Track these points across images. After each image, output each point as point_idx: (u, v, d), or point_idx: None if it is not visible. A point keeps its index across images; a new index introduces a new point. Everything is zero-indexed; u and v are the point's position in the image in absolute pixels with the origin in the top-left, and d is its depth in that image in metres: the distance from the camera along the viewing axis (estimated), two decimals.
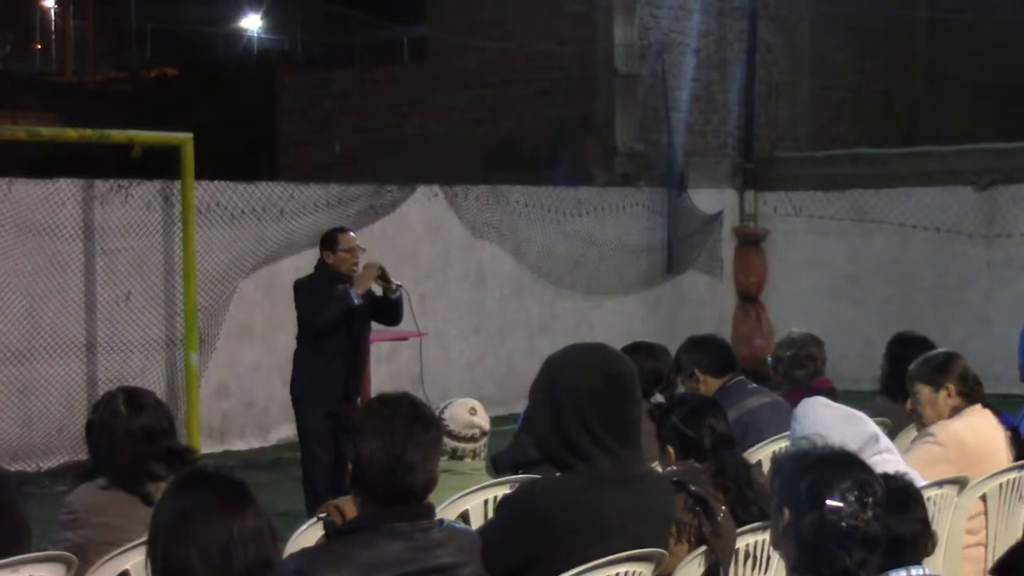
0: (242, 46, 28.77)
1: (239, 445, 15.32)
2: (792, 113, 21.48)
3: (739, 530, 5.02)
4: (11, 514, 4.76)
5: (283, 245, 15.61)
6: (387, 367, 15.64)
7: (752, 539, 5.07)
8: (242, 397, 15.47)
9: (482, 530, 4.63)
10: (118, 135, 13.80)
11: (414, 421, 4.26)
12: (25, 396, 13.80)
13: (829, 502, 3.59)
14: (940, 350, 7.03)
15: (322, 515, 5.36)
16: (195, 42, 29.66)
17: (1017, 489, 6.41)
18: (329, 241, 10.63)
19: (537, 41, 20.08)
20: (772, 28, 21.12)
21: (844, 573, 3.54)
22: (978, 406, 6.65)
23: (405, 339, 13.46)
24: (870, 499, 3.60)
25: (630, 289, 19.15)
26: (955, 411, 6.58)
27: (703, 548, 4.87)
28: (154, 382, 14.49)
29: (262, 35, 29.39)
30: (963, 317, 18.73)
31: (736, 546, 5.00)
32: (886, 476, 4.63)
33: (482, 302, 17.56)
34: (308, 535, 5.38)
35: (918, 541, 4.38)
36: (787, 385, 8.11)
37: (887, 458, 5.72)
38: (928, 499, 5.30)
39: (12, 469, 13.25)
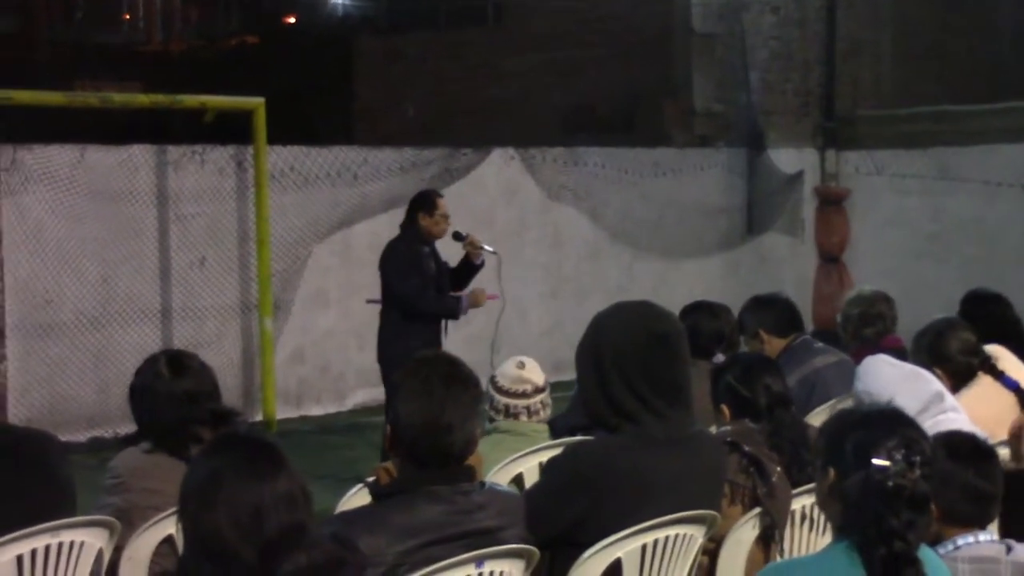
0: (324, 12, 28.74)
1: (315, 410, 15.31)
2: (873, 71, 21.13)
3: (794, 491, 4.88)
4: (55, 478, 4.72)
5: (357, 210, 15.56)
6: (463, 331, 15.53)
7: (808, 500, 4.93)
8: (318, 362, 15.45)
9: (528, 493, 4.53)
10: (190, 100, 13.80)
11: (452, 381, 4.16)
12: (101, 362, 13.85)
13: (875, 461, 3.44)
14: (935, 321, 6.67)
15: (370, 479, 5.29)
16: (277, 9, 29.68)
17: None
18: (427, 203, 10.61)
19: (612, 2, 19.87)
20: None
21: (891, 534, 3.40)
22: (983, 378, 6.34)
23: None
24: (918, 458, 3.45)
25: (709, 251, 18.95)
26: (954, 390, 6.17)
27: (757, 510, 4.73)
28: (229, 348, 14.53)
29: (344, 1, 29.34)
30: None
31: (792, 507, 4.87)
32: (958, 432, 4.49)
33: (559, 266, 17.42)
34: (356, 499, 5.29)
35: (995, 499, 4.24)
36: (855, 344, 7.93)
37: (952, 417, 5.57)
38: None
39: (89, 435, 13.38)
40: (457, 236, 10.78)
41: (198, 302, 14.44)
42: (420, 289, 10.51)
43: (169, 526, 4.92)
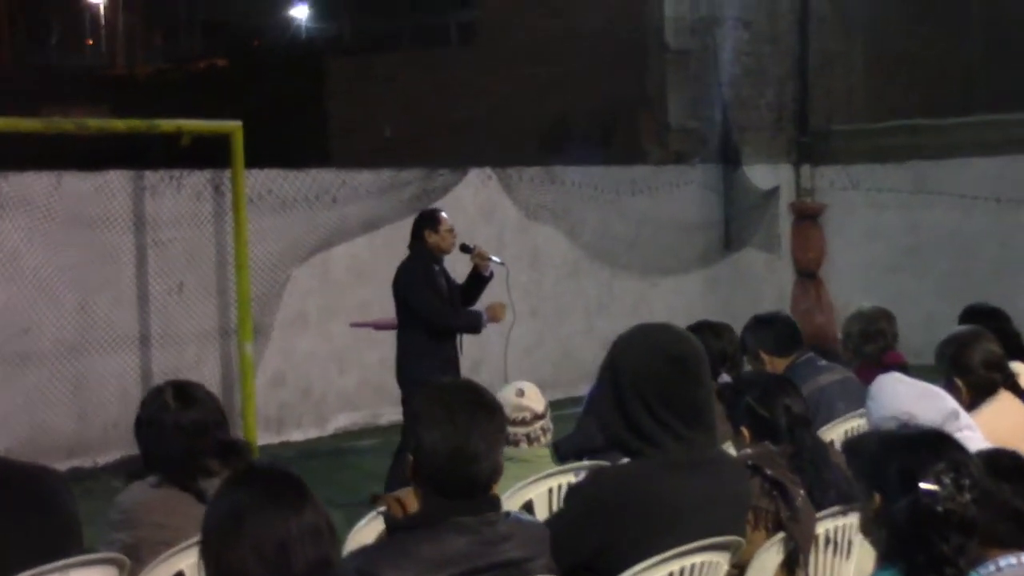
0: (290, 34, 28.69)
1: (296, 435, 15.19)
2: (846, 84, 21.14)
3: (818, 514, 4.79)
4: (60, 513, 4.60)
5: (336, 232, 15.47)
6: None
7: (832, 524, 4.84)
8: (299, 386, 15.33)
9: (549, 521, 4.43)
10: (166, 125, 13.66)
11: (477, 408, 4.05)
12: (80, 390, 13.72)
13: (923, 485, 3.36)
14: (960, 330, 6.54)
15: (381, 509, 5.19)
16: (243, 32, 29.62)
17: None
18: (431, 221, 10.67)
19: (586, 19, 19.84)
20: None
21: (941, 560, 3.32)
22: (1003, 393, 6.20)
23: None
24: (967, 481, 3.37)
25: (688, 268, 18.91)
26: (973, 404, 6.07)
27: (781, 534, 4.65)
28: (209, 373, 14.38)
29: (308, 23, 29.30)
30: None
31: (816, 531, 4.78)
32: (998, 450, 4.38)
33: (538, 284, 17.34)
34: (368, 530, 5.20)
35: None
36: (857, 361, 7.87)
37: (968, 435, 5.46)
38: None
39: (68, 464, 13.23)
40: (465, 248, 10.81)
41: (177, 328, 14.31)
42: (442, 306, 10.52)
43: (180, 561, 4.81)
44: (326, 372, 15.57)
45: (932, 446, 3.46)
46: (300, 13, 30.14)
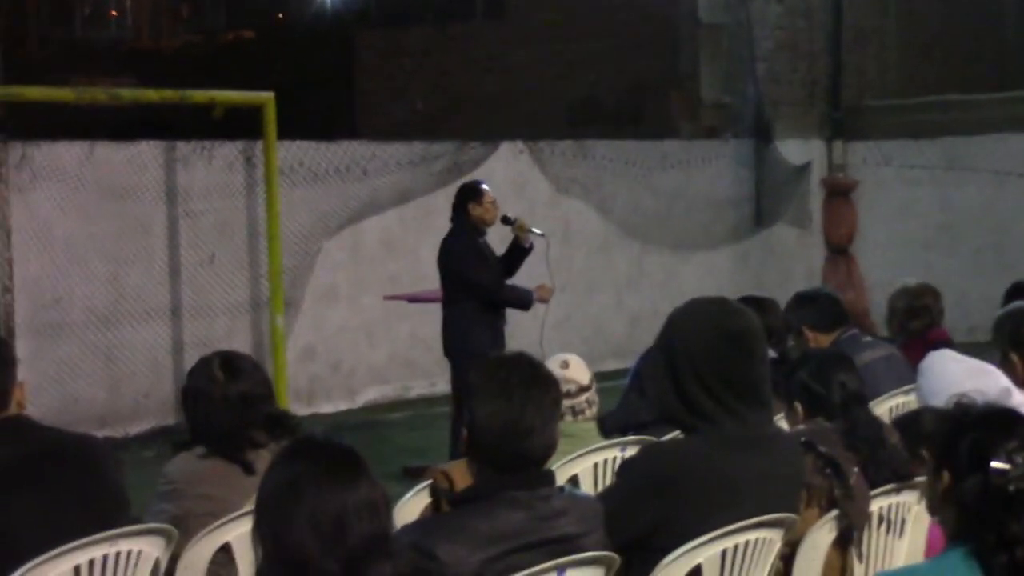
0: (316, 6, 28.58)
1: (326, 408, 15.16)
2: (880, 60, 21.00)
3: (872, 492, 4.73)
4: (109, 483, 4.56)
5: (367, 204, 15.43)
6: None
7: (885, 502, 4.78)
8: (329, 359, 15.31)
9: (602, 496, 4.37)
10: (199, 95, 13.62)
11: (533, 382, 4.00)
12: (111, 361, 13.72)
13: (994, 464, 3.29)
14: (1015, 307, 6.39)
15: (428, 482, 5.15)
16: (269, 4, 29.50)
17: None
18: (474, 193, 10.65)
19: None
20: None
21: (1012, 540, 3.24)
22: None
23: None
24: None
25: (718, 243, 18.83)
26: None
27: (835, 512, 4.58)
28: (240, 345, 14.32)
29: None
30: None
31: (869, 509, 4.72)
32: None
33: (569, 259, 17.25)
34: (413, 503, 5.15)
35: None
36: (902, 337, 7.80)
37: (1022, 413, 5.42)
38: None
39: (99, 435, 13.20)
40: (506, 220, 10.78)
41: (208, 300, 14.30)
42: (497, 279, 10.54)
43: (226, 534, 4.77)
44: (356, 345, 15.55)
45: (1004, 423, 3.38)
46: None
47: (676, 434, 5.66)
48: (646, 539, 4.26)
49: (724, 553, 4.27)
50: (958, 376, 5.46)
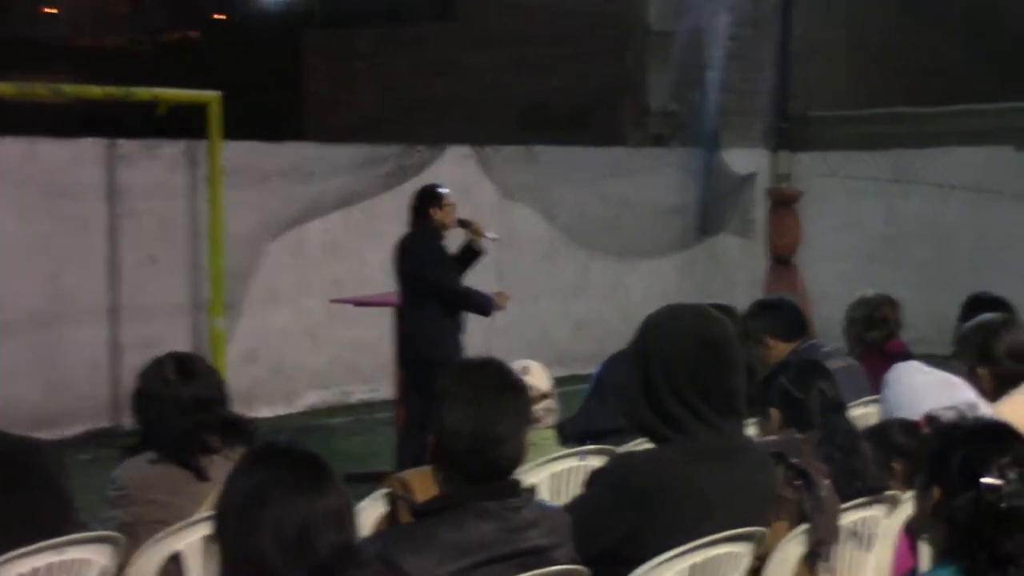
0: (262, 6, 28.35)
1: (265, 412, 14.92)
2: (828, 71, 20.99)
3: (843, 506, 4.62)
4: (54, 489, 4.39)
5: (311, 207, 15.28)
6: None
7: (856, 515, 4.68)
8: (270, 363, 15.11)
9: (570, 507, 4.23)
10: (143, 93, 13.42)
11: (504, 388, 3.87)
12: (48, 362, 13.50)
13: (986, 479, 3.18)
14: (988, 318, 6.34)
15: (385, 489, 5.00)
16: (213, 4, 29.26)
17: None
18: (436, 197, 10.58)
19: None
20: None
21: (1004, 559, 3.14)
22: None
23: None
24: None
25: (664, 251, 18.77)
26: (996, 395, 5.83)
27: (805, 525, 4.47)
28: (179, 347, 13.95)
29: None
30: (1002, 279, 18.05)
31: (840, 523, 4.60)
32: None
33: (515, 265, 17.13)
34: (369, 513, 5.00)
35: None
36: (860, 347, 7.72)
37: None
38: None
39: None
40: (463, 223, 10.74)
41: (148, 300, 14.09)
42: (461, 284, 10.52)
43: (176, 542, 4.61)
44: (298, 349, 15.37)
45: (996, 438, 3.28)
46: None
47: (638, 443, 5.58)
48: (615, 551, 4.14)
49: (694, 567, 4.15)
50: (925, 388, 5.37)
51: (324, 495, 3.28)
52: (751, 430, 5.61)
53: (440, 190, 10.69)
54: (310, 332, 15.41)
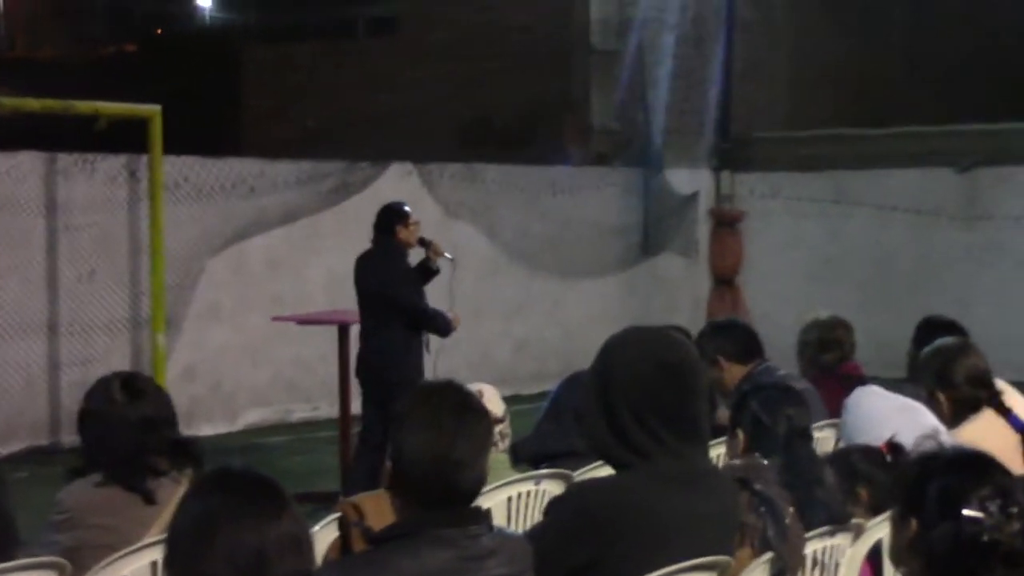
0: (199, 20, 28.17)
1: (206, 430, 14.77)
2: (769, 92, 21.03)
3: (807, 534, 4.53)
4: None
5: (253, 223, 15.14)
6: (355, 350, 15.21)
7: (820, 544, 4.59)
8: (210, 380, 14.94)
9: (529, 536, 4.12)
10: (83, 106, 13.28)
11: (464, 411, 3.75)
12: None
13: (966, 512, 3.09)
14: (946, 343, 6.25)
15: (336, 515, 4.90)
16: (150, 17, 29.04)
17: None
18: (401, 215, 10.54)
19: (512, 15, 19.58)
20: (749, 5, 20.67)
21: None
22: (986, 411, 5.85)
23: None
24: (1015, 508, 3.10)
25: (606, 271, 18.72)
26: (955, 421, 5.78)
27: (769, 554, 4.38)
28: (118, 364, 13.97)
29: (214, 12, 28.81)
30: (943, 301, 18.11)
31: (804, 551, 4.52)
32: None
33: (457, 283, 17.00)
34: (319, 538, 4.88)
35: None
36: (813, 370, 7.64)
37: None
38: None
39: None
40: (422, 242, 10.70)
41: (87, 316, 13.93)
42: (425, 304, 10.49)
43: (123, 567, 4.47)
44: (238, 366, 15.22)
45: (975, 468, 3.19)
46: (205, 1, 29.63)
47: (594, 467, 5.50)
48: None
49: None
50: (885, 413, 5.30)
51: (279, 521, 3.16)
52: (719, 450, 5.56)
53: (405, 208, 10.63)
54: (251, 349, 15.26)
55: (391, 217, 10.52)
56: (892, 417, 5.25)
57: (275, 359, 15.36)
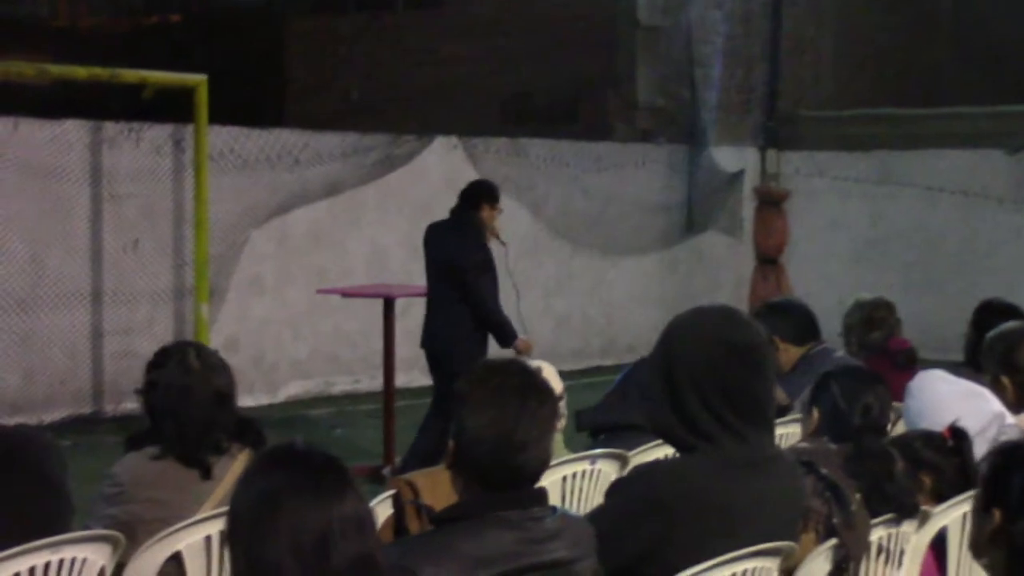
0: None
1: (247, 401, 14.65)
2: (815, 71, 20.87)
3: (872, 521, 4.44)
4: (53, 485, 4.16)
5: (296, 195, 15.09)
6: (400, 324, 15.15)
7: (885, 532, 4.50)
8: (252, 352, 14.89)
9: (591, 518, 4.04)
10: (129, 75, 13.24)
11: (528, 392, 3.67)
12: (27, 346, 13.29)
13: None
14: (1012, 327, 6.16)
15: (391, 491, 4.84)
16: None
17: None
18: (492, 194, 10.26)
19: None
20: None
21: None
22: None
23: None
24: None
25: (648, 248, 18.60)
26: (1019, 405, 5.72)
27: (833, 541, 4.28)
28: (161, 334, 13.99)
29: None
30: (990, 285, 17.91)
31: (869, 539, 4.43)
32: None
33: (498, 259, 16.95)
34: (376, 513, 4.81)
35: None
36: (864, 352, 7.56)
37: (1012, 438, 5.18)
38: None
39: (12, 422, 12.74)
40: None
41: (130, 286, 13.91)
42: (496, 300, 10.18)
43: (176, 542, 4.41)
44: (280, 338, 15.19)
45: None
46: None
47: (652, 446, 5.44)
48: (638, 566, 3.95)
49: None
50: (950, 399, 5.21)
51: (343, 501, 3.09)
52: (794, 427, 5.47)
53: (498, 190, 10.36)
54: (292, 322, 15.23)
55: (481, 193, 10.22)
56: (955, 403, 5.16)
57: (317, 332, 15.33)
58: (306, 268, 15.10)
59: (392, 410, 11.27)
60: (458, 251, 10.05)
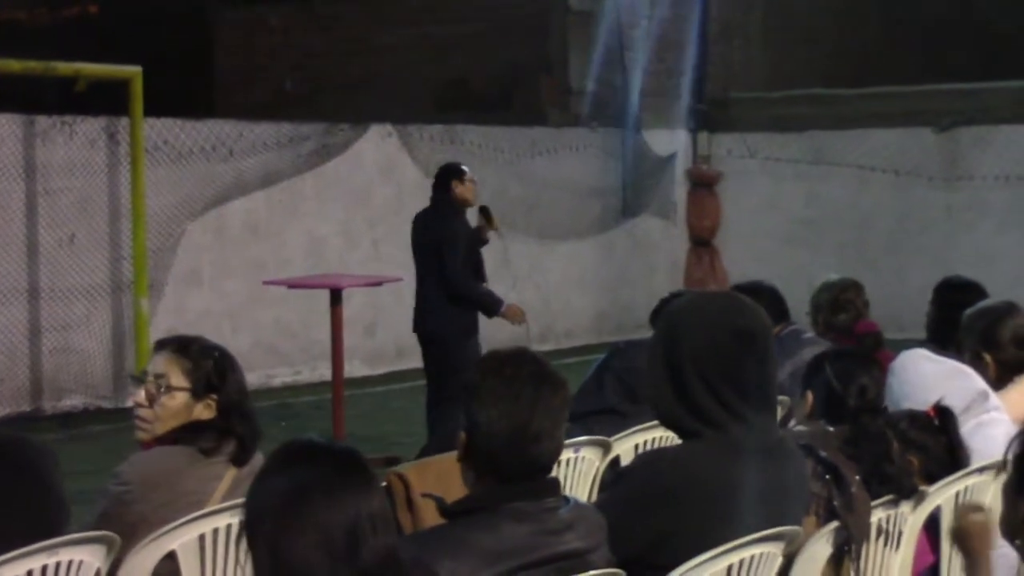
0: None
1: None
2: (745, 53, 20.93)
3: (872, 503, 4.43)
4: (50, 488, 4.08)
5: (233, 186, 14.97)
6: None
7: (884, 513, 4.49)
8: None
9: (598, 506, 4.00)
10: (64, 68, 13.11)
11: (541, 381, 3.62)
12: None
13: None
14: (991, 304, 6.20)
15: (382, 485, 4.78)
16: None
17: None
18: (456, 171, 10.64)
19: None
20: None
21: None
22: None
23: (380, 284, 12.83)
24: None
25: (584, 233, 18.61)
26: (1000, 382, 5.62)
27: (834, 524, 4.27)
28: (99, 329, 13.88)
29: None
30: (922, 262, 18.24)
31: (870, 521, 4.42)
32: None
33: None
34: None
35: None
36: (831, 333, 7.55)
37: (996, 417, 5.19)
38: None
39: None
40: (482, 209, 10.83)
41: (67, 281, 13.76)
42: (467, 274, 10.40)
43: (171, 540, 4.34)
44: (219, 331, 14.98)
45: None
46: None
47: (633, 431, 5.42)
48: (646, 554, 3.92)
49: (730, 569, 3.95)
50: (934, 377, 5.20)
51: (370, 496, 3.03)
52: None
53: (462, 166, 10.75)
54: (231, 313, 15.11)
55: (447, 173, 10.60)
56: (941, 381, 5.16)
57: (256, 324, 15.22)
58: (244, 260, 15.01)
59: (341, 400, 11.22)
60: (435, 235, 10.38)
